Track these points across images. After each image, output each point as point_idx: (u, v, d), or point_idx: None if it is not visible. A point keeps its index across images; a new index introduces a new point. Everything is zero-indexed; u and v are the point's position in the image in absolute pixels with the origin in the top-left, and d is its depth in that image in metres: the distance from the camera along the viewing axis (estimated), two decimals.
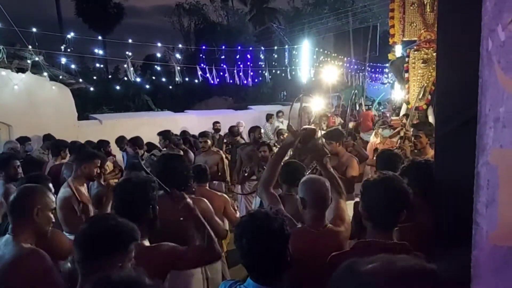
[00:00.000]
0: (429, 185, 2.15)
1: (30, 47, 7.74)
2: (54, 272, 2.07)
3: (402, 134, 6.09)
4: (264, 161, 5.35)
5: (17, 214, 2.19)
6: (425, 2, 8.48)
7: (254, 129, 7.34)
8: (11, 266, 1.99)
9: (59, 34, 11.63)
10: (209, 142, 6.15)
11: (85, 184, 3.84)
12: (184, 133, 8.03)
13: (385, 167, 2.90)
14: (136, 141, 6.86)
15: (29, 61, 7.85)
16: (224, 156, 6.48)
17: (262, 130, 8.87)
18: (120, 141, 7.25)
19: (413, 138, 4.69)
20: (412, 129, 5.08)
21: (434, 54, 8.25)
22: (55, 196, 3.01)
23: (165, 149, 6.57)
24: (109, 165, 5.55)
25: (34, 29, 7.88)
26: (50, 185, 3.01)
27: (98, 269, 1.48)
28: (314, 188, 2.29)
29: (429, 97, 8.28)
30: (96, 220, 1.75)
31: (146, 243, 2.14)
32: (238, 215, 3.73)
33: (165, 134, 6.92)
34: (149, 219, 2.19)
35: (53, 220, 2.33)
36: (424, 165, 2.36)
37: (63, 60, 8.83)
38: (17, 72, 7.90)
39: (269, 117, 10.85)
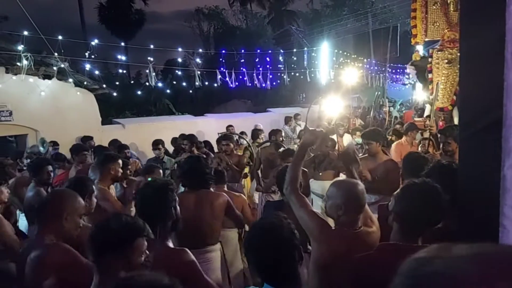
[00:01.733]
0: (453, 187, 2.14)
1: (56, 54, 7.97)
2: (78, 264, 2.07)
3: (426, 135, 6.01)
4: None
5: (46, 217, 2.23)
6: (449, 1, 8.31)
7: (275, 132, 7.37)
8: (36, 261, 2.03)
9: (83, 41, 11.93)
10: (232, 145, 6.21)
11: (112, 186, 3.95)
12: (192, 137, 8.07)
13: (411, 170, 2.87)
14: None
15: (55, 68, 8.08)
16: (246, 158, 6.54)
17: (283, 133, 8.91)
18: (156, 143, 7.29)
19: (441, 145, 4.60)
20: (439, 136, 4.97)
21: (459, 54, 8.10)
22: None
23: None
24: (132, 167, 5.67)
25: (60, 37, 8.12)
26: (94, 187, 3.08)
27: (107, 266, 1.59)
28: (350, 191, 2.22)
29: (454, 97, 8.12)
30: (103, 220, 1.80)
31: (170, 244, 2.19)
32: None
33: (190, 138, 7.05)
34: (172, 220, 2.24)
35: (81, 225, 2.32)
36: (448, 168, 2.34)
37: (88, 67, 9.06)
38: (44, 78, 8.14)
39: (288, 119, 10.85)
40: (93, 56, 9.22)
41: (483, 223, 1.91)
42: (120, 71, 14.47)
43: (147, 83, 11.10)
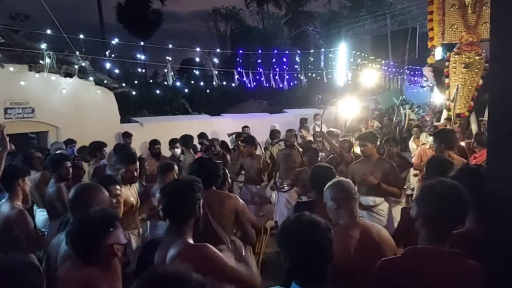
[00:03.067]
0: (480, 191, 2.11)
1: (77, 53, 8.10)
2: None
3: None
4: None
5: (77, 210, 2.28)
6: (466, 3, 8.18)
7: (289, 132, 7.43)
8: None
9: (103, 40, 12.10)
10: (251, 147, 6.20)
11: (133, 185, 4.01)
12: (202, 135, 8.12)
13: (436, 173, 2.84)
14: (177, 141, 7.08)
15: (76, 66, 8.21)
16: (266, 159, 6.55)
17: (299, 134, 8.90)
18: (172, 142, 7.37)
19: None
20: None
21: (477, 57, 7.93)
22: None
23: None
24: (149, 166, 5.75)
25: (81, 36, 8.25)
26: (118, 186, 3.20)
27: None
28: (342, 186, 2.47)
29: (472, 103, 7.95)
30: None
31: (191, 241, 2.20)
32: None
33: (209, 139, 7.22)
34: (195, 218, 2.27)
35: None
36: (475, 171, 2.30)
37: (108, 65, 9.18)
38: (65, 76, 8.28)
39: (303, 121, 10.80)
40: (113, 55, 9.34)
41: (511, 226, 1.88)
42: (139, 70, 14.63)
43: (165, 82, 11.21)
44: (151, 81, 19.08)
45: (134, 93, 11.17)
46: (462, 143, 5.75)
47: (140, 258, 2.37)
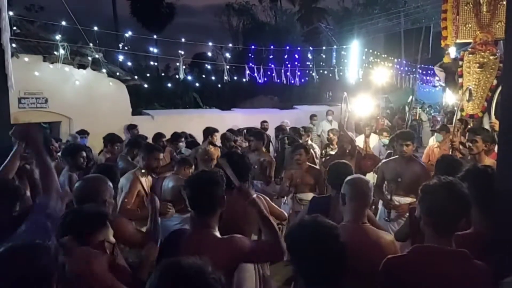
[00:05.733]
0: (490, 193, 2.11)
1: (91, 44, 8.19)
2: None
3: (456, 140, 5.84)
4: (299, 166, 5.10)
5: (82, 202, 2.30)
6: (481, 2, 8.05)
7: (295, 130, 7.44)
8: None
9: (116, 32, 12.19)
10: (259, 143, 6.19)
11: (149, 176, 4.09)
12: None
13: (445, 173, 2.83)
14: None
15: (89, 58, 8.30)
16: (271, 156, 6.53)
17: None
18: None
19: (468, 143, 4.45)
20: (467, 134, 4.82)
21: (492, 57, 7.80)
22: None
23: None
24: (166, 157, 5.80)
25: (95, 28, 8.33)
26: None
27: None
28: (354, 183, 2.41)
29: (485, 104, 7.83)
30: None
31: (218, 234, 2.18)
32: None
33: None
34: (221, 210, 2.25)
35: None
36: (485, 172, 2.29)
37: (121, 58, 9.26)
38: (78, 68, 8.38)
39: (312, 117, 10.77)
40: (126, 48, 9.42)
41: None
42: (151, 63, 14.70)
43: (177, 76, 11.26)
44: (163, 74, 19.15)
45: (146, 85, 11.25)
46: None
47: (163, 250, 2.31)
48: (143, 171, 4.02)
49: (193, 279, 1.18)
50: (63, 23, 7.89)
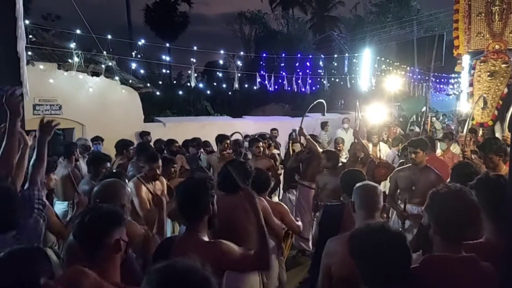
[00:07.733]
0: (502, 203, 2.07)
1: (104, 52, 8.31)
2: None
3: (467, 150, 5.75)
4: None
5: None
6: (493, 11, 8.02)
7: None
8: None
9: (130, 40, 12.37)
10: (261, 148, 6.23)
11: (153, 182, 4.13)
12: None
13: (458, 181, 2.79)
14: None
15: (103, 66, 8.43)
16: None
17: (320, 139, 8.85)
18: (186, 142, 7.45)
19: (482, 161, 4.39)
20: (479, 152, 4.75)
21: (503, 65, 7.76)
22: None
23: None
24: (183, 163, 5.84)
25: (109, 36, 8.46)
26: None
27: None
28: (361, 190, 2.44)
29: (496, 112, 7.75)
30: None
31: (205, 238, 2.24)
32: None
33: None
34: (209, 216, 2.29)
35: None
36: (495, 181, 2.25)
37: (134, 66, 9.38)
38: (92, 75, 8.51)
39: (324, 125, 10.74)
40: (139, 56, 9.54)
41: None
42: (164, 71, 14.86)
43: (188, 84, 11.36)
44: (175, 82, 19.34)
45: (158, 93, 11.36)
46: None
47: (155, 255, 2.40)
48: (142, 178, 4.12)
49: (185, 278, 1.21)
50: (78, 31, 8.03)
